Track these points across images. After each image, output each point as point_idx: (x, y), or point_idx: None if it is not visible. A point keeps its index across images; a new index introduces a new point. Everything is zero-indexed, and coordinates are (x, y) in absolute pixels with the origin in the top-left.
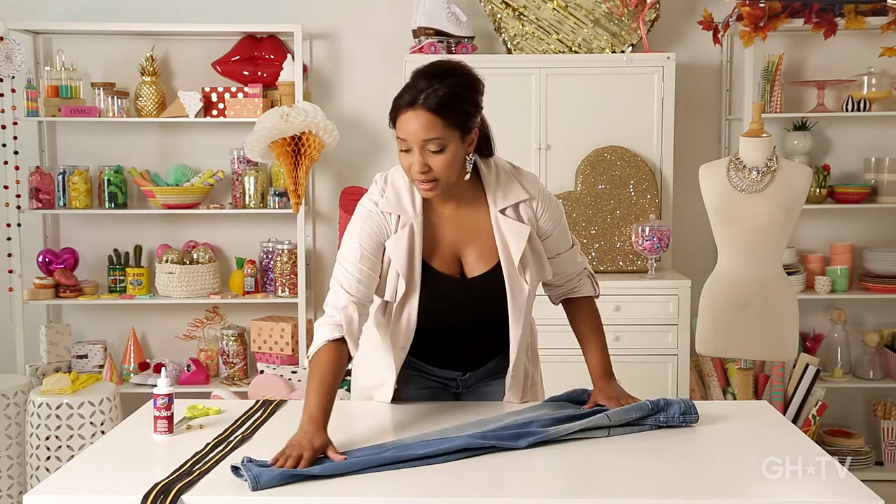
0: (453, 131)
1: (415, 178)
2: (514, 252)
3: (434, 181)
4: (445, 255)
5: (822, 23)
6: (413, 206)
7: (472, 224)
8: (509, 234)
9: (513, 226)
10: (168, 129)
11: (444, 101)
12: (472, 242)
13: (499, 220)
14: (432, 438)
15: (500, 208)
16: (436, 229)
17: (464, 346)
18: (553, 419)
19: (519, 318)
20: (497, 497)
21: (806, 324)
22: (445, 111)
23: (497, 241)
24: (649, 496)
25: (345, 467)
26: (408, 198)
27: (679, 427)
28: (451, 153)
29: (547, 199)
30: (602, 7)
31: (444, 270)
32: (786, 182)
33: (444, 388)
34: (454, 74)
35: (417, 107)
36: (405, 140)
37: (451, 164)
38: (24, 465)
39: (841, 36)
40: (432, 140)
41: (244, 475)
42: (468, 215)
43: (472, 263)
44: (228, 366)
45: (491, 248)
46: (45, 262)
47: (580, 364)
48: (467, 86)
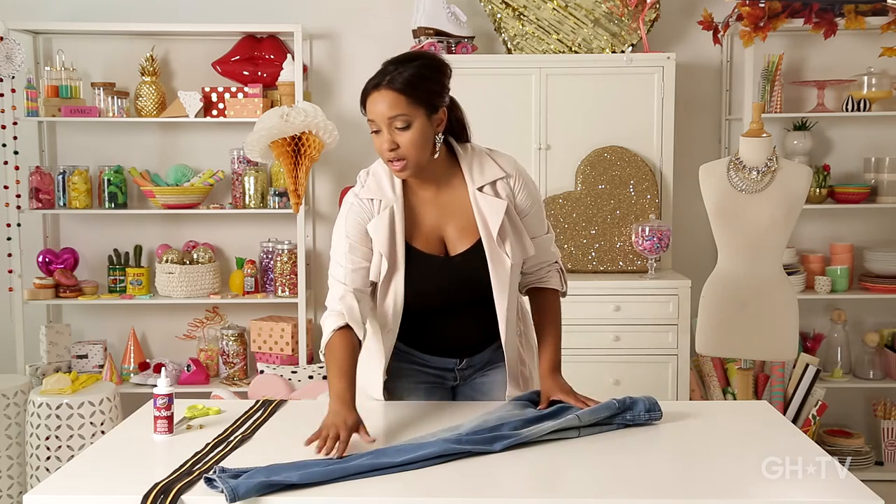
0: (417, 108)
1: (386, 159)
2: (492, 226)
3: (403, 160)
4: (428, 237)
5: (822, 23)
6: (393, 189)
7: (453, 204)
8: (487, 209)
9: (490, 201)
10: (168, 129)
11: (408, 80)
12: (453, 222)
13: (477, 198)
14: (407, 445)
15: (478, 186)
16: (417, 212)
17: (455, 328)
18: (522, 421)
19: (503, 291)
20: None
21: (806, 324)
22: (409, 89)
23: (476, 218)
24: (649, 496)
25: (322, 475)
26: (388, 183)
27: (644, 425)
28: (417, 130)
29: (524, 177)
30: (602, 7)
31: (427, 251)
32: (786, 182)
33: (440, 381)
34: (420, 58)
35: (382, 87)
36: (374, 121)
37: (418, 141)
38: (24, 465)
39: (841, 36)
40: (397, 117)
41: (219, 486)
42: (448, 197)
43: (454, 242)
44: (228, 366)
45: (471, 225)
46: (45, 262)
47: (580, 364)
48: (432, 67)
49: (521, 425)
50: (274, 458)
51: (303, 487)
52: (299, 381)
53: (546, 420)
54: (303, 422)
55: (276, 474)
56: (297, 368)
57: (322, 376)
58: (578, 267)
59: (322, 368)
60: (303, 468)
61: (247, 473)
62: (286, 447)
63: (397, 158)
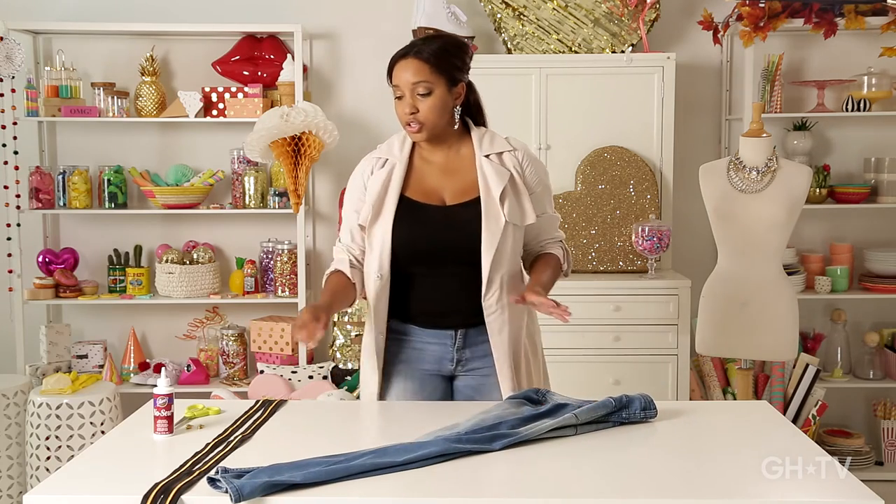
0: (439, 77)
1: (404, 122)
2: (493, 187)
3: (420, 123)
4: (428, 193)
5: (822, 23)
6: (401, 150)
7: (458, 169)
8: (490, 173)
9: (495, 167)
10: (168, 129)
11: (434, 52)
12: (455, 182)
13: (482, 162)
14: (409, 444)
15: (485, 153)
16: (422, 172)
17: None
18: (520, 419)
19: (491, 249)
20: (488, 497)
21: (806, 324)
22: (434, 59)
23: (479, 178)
24: (650, 495)
25: (324, 475)
26: (398, 145)
27: (640, 423)
28: (437, 97)
29: (532, 157)
30: (602, 7)
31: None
32: (786, 182)
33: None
34: (445, 36)
35: (410, 56)
36: (398, 86)
37: (437, 108)
38: (24, 465)
39: (841, 36)
40: (420, 83)
41: (223, 487)
42: (456, 163)
43: (453, 196)
44: (228, 366)
45: (473, 186)
46: (45, 262)
47: (580, 364)
48: (456, 45)
49: (519, 424)
50: (274, 458)
51: (306, 487)
52: (299, 381)
53: (544, 418)
54: (303, 422)
55: (279, 474)
56: (297, 368)
57: (322, 376)
58: (578, 267)
59: (322, 368)
60: (305, 468)
61: (250, 473)
62: (286, 447)
63: (415, 121)
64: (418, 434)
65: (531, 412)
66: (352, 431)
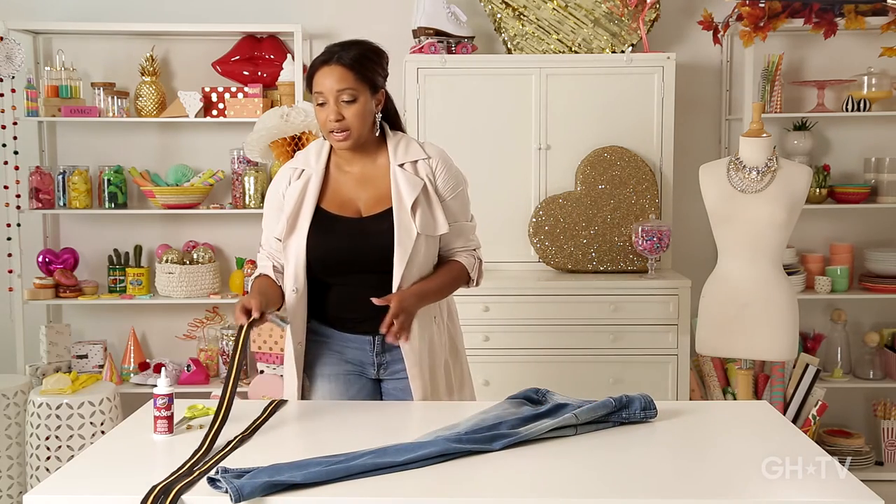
0: (363, 85)
1: (330, 130)
2: (405, 197)
3: (346, 131)
4: (343, 205)
5: (822, 23)
6: (317, 160)
7: (373, 179)
8: (403, 182)
9: (408, 177)
10: (168, 129)
11: (356, 58)
12: (370, 192)
13: (396, 172)
14: (409, 444)
15: (399, 163)
16: (338, 183)
17: (356, 295)
18: (520, 419)
19: (402, 259)
20: (488, 497)
21: (806, 324)
22: (357, 65)
23: (392, 189)
24: (649, 496)
25: (324, 475)
26: (314, 156)
27: (640, 423)
28: (361, 104)
29: (447, 164)
30: (602, 7)
31: (338, 213)
32: (786, 182)
33: (360, 370)
34: (363, 43)
35: (332, 63)
36: (321, 93)
37: (362, 115)
38: (24, 465)
39: (841, 36)
40: (345, 90)
41: (223, 487)
42: (371, 172)
43: (367, 208)
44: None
45: (386, 196)
46: (45, 262)
47: (580, 364)
48: (375, 51)
49: (520, 424)
50: (274, 458)
51: (306, 487)
52: None
53: (544, 418)
54: (303, 422)
55: (279, 474)
56: None
57: None
58: (578, 267)
59: None
60: (305, 468)
61: (250, 473)
62: (286, 447)
63: (341, 129)
64: (418, 434)
65: (531, 412)
66: (352, 431)
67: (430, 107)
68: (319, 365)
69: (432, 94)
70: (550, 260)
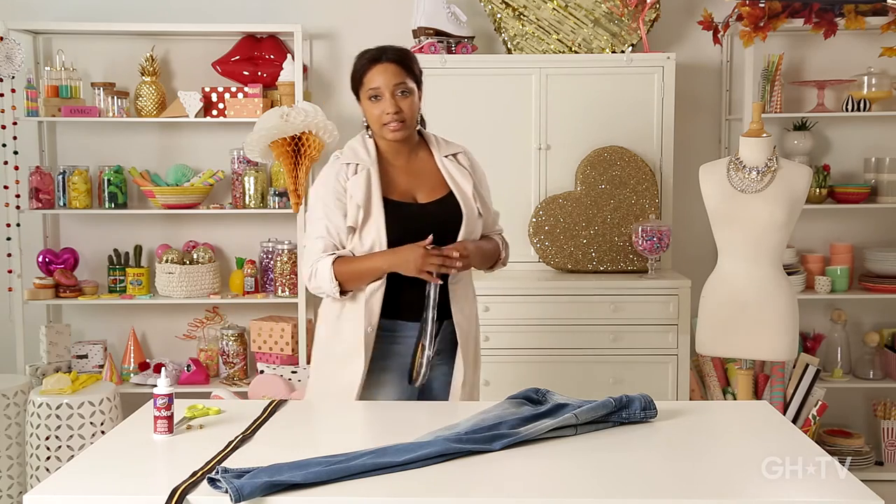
0: (413, 80)
1: (387, 122)
2: (463, 184)
3: (402, 122)
4: (402, 193)
5: (822, 23)
6: (368, 154)
7: (422, 170)
8: (455, 171)
9: (457, 166)
10: (168, 129)
11: (405, 56)
12: (424, 182)
13: (445, 163)
14: (409, 444)
15: (444, 154)
16: (391, 176)
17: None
18: (520, 419)
19: (467, 240)
20: (488, 497)
21: (806, 324)
22: (408, 63)
23: (446, 177)
24: (649, 496)
25: (325, 475)
26: (363, 151)
27: (640, 423)
28: (414, 98)
29: (474, 157)
30: (602, 7)
31: (402, 200)
32: (786, 182)
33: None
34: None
35: (384, 60)
36: (377, 88)
37: (414, 107)
38: (24, 465)
39: (841, 36)
40: (401, 84)
41: (223, 487)
42: (417, 164)
43: (425, 195)
44: (228, 366)
45: (441, 184)
46: (45, 262)
47: (580, 364)
48: (412, 54)
49: (519, 424)
50: (274, 458)
51: (306, 487)
52: (299, 381)
53: (544, 418)
54: (303, 422)
55: (279, 474)
56: (297, 368)
57: None
58: (578, 267)
59: None
60: (305, 468)
61: (250, 473)
62: (286, 447)
63: (399, 120)
64: (418, 434)
65: (531, 412)
66: (352, 431)
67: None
68: (385, 358)
69: (432, 94)
70: (550, 260)
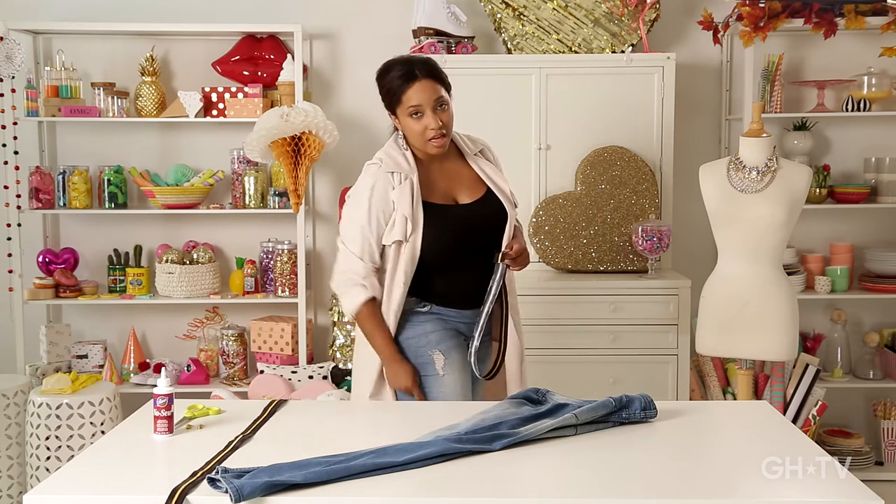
0: (446, 90)
1: (431, 137)
2: (499, 181)
3: (445, 136)
4: (443, 195)
5: (822, 23)
6: (408, 163)
7: (456, 172)
8: (489, 169)
9: (488, 165)
10: (168, 129)
11: (435, 69)
12: (461, 183)
13: (477, 161)
14: (409, 444)
15: (473, 152)
16: (431, 181)
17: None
18: (520, 419)
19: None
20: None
21: (806, 324)
22: (440, 76)
23: (482, 176)
24: (649, 496)
25: (325, 475)
26: (402, 160)
27: (640, 423)
28: (450, 108)
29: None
30: (602, 7)
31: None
32: (786, 182)
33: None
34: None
35: (420, 78)
36: (419, 105)
37: (452, 117)
38: (24, 465)
39: (841, 36)
40: (440, 99)
41: (223, 487)
42: (451, 167)
43: (465, 196)
44: (228, 366)
45: (476, 183)
46: (45, 262)
47: (580, 364)
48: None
49: (519, 423)
50: (274, 458)
51: (306, 487)
52: (299, 381)
53: (544, 418)
54: (303, 422)
55: (279, 474)
56: (297, 368)
57: (322, 376)
58: (578, 267)
59: (322, 368)
60: (305, 467)
61: (250, 473)
62: (286, 447)
63: (442, 135)
64: (418, 434)
65: (531, 412)
66: (352, 431)
67: None
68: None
69: None
70: (550, 260)
